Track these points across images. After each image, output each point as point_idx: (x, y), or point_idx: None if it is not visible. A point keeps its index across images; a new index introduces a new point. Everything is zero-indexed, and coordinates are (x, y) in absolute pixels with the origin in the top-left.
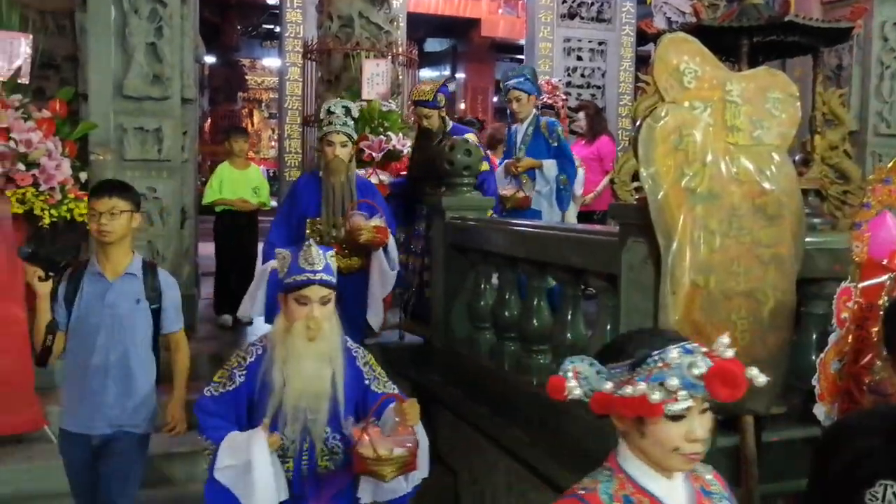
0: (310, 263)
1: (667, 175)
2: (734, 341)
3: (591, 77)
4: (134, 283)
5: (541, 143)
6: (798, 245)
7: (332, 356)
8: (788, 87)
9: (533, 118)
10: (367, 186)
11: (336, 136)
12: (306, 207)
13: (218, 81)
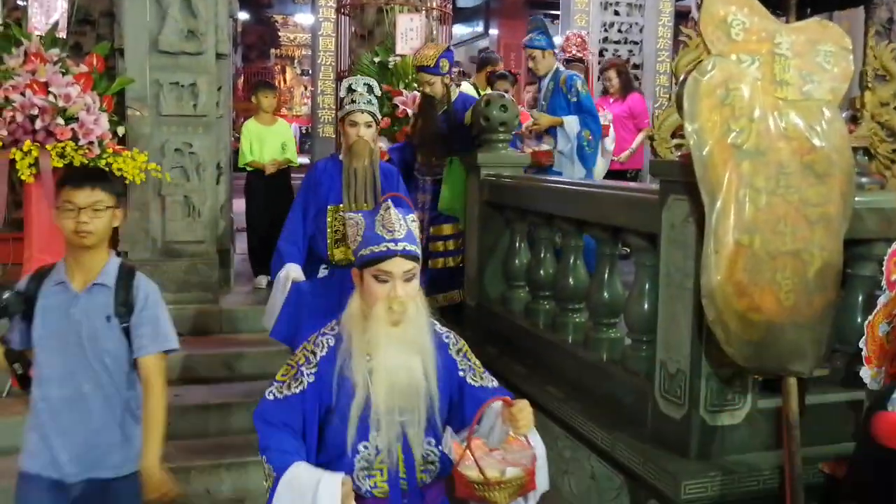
0: (389, 230)
1: (712, 131)
2: (779, 302)
3: (628, 32)
4: (104, 295)
5: (560, 99)
6: (847, 204)
7: (422, 343)
8: (841, 39)
9: (553, 73)
10: (391, 173)
11: (360, 115)
12: (327, 194)
13: (251, 38)
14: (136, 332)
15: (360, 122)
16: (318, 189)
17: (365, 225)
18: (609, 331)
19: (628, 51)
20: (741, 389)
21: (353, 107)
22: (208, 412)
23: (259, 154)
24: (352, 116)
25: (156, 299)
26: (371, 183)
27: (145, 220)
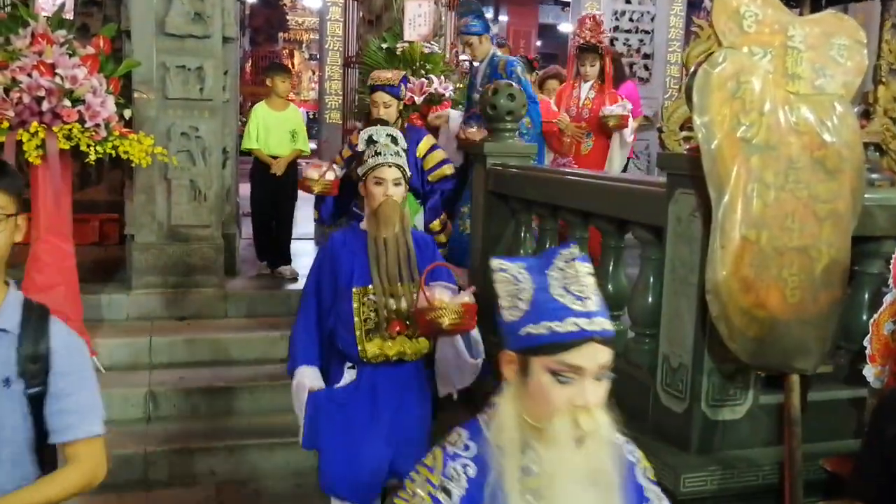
0: (578, 297)
1: (722, 124)
2: (784, 299)
3: (639, 21)
4: (3, 346)
5: None
6: (857, 201)
7: (609, 473)
8: (856, 32)
9: (489, 58)
10: (426, 243)
11: (387, 169)
12: (350, 274)
13: (258, 22)
14: (55, 404)
15: (387, 179)
16: (337, 268)
17: (533, 284)
18: (614, 323)
19: (639, 40)
20: (743, 385)
21: (377, 160)
22: (212, 395)
23: (265, 141)
24: (377, 172)
25: (82, 357)
26: (406, 255)
27: (151, 204)
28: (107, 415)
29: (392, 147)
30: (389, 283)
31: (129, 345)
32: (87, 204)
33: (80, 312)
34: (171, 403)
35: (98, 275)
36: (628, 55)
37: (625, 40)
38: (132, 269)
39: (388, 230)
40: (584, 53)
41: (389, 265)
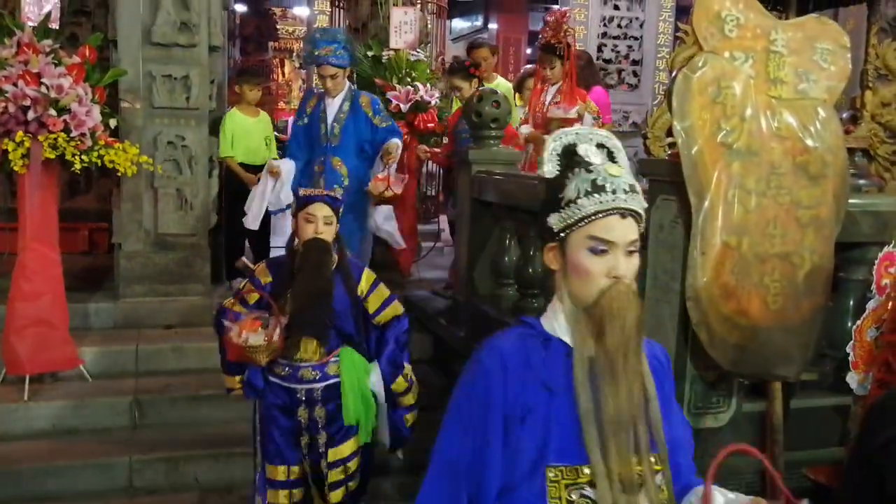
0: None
1: (702, 129)
2: (766, 306)
3: (628, 27)
4: None
5: (361, 123)
6: (840, 207)
7: None
8: (839, 37)
9: (348, 92)
10: None
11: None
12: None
13: (248, 30)
14: None
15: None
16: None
17: None
18: None
19: (627, 46)
20: (726, 393)
21: None
22: (199, 403)
23: (244, 147)
24: None
25: None
26: None
27: (138, 212)
28: (92, 423)
29: None
30: None
31: (116, 353)
32: (77, 213)
33: (66, 321)
34: (157, 411)
35: (86, 283)
36: (617, 61)
37: (613, 46)
38: (119, 277)
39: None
40: (544, 54)
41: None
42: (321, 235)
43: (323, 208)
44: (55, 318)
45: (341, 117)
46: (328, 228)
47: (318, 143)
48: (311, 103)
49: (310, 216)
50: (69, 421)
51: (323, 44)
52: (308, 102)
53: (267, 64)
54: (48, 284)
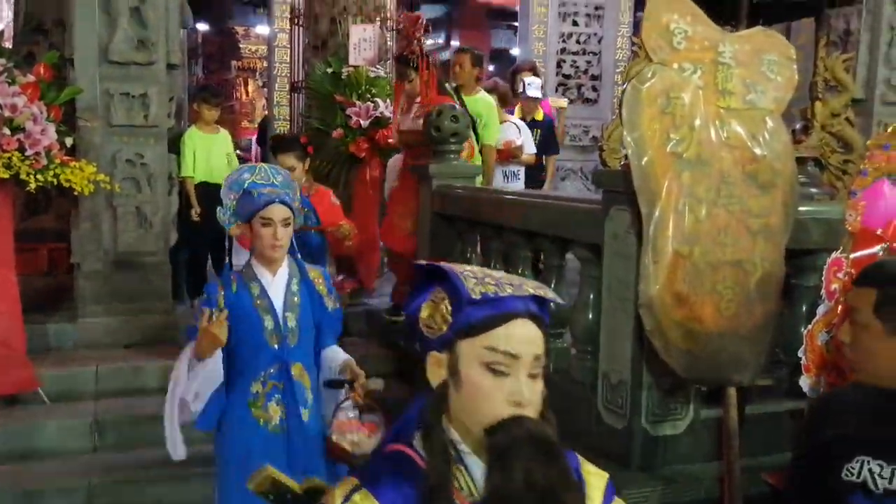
0: None
1: (652, 140)
2: (719, 312)
3: (586, 43)
4: None
5: (316, 307)
6: (789, 215)
7: None
8: (786, 49)
9: (292, 264)
10: None
11: None
12: None
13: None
14: None
15: None
16: None
17: None
18: (555, 341)
19: (586, 61)
20: (683, 400)
21: None
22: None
23: (204, 165)
24: None
25: None
26: None
27: (97, 231)
28: (51, 445)
29: None
30: None
31: (75, 374)
32: (36, 233)
33: (23, 342)
34: (118, 432)
35: (45, 304)
36: (576, 76)
37: (572, 62)
38: (79, 297)
39: None
40: (399, 67)
41: None
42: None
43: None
44: (12, 339)
45: (294, 301)
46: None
47: (259, 348)
48: (221, 293)
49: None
50: (27, 444)
51: (262, 184)
52: (216, 294)
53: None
54: (4, 305)
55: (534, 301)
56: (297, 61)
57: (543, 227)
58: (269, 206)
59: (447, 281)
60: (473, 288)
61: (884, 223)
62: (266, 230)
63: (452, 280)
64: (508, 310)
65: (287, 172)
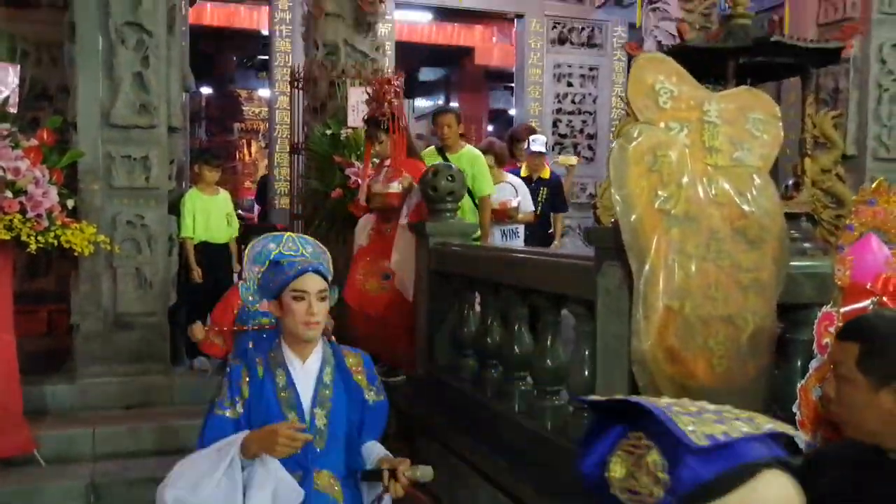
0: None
1: (640, 197)
2: (711, 368)
3: (581, 103)
4: None
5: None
6: (780, 269)
7: None
8: (771, 107)
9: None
10: None
11: None
12: None
13: (214, 112)
14: None
15: None
16: None
17: None
18: (553, 399)
19: (582, 121)
20: None
21: None
22: (157, 485)
23: (204, 225)
24: None
25: None
26: None
27: (97, 293)
28: None
29: None
30: None
31: (72, 436)
32: (36, 295)
33: (19, 404)
34: (114, 495)
35: (44, 365)
36: (572, 135)
37: (568, 121)
38: (77, 358)
39: None
40: (370, 129)
41: None
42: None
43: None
44: (9, 401)
45: (325, 395)
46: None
47: None
48: (246, 379)
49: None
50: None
51: (291, 254)
52: (240, 380)
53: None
54: (1, 368)
55: (774, 440)
56: (297, 123)
57: (538, 283)
58: (302, 277)
59: (649, 419)
60: (694, 430)
61: (873, 277)
62: (299, 305)
63: (658, 417)
64: (750, 460)
65: (316, 242)
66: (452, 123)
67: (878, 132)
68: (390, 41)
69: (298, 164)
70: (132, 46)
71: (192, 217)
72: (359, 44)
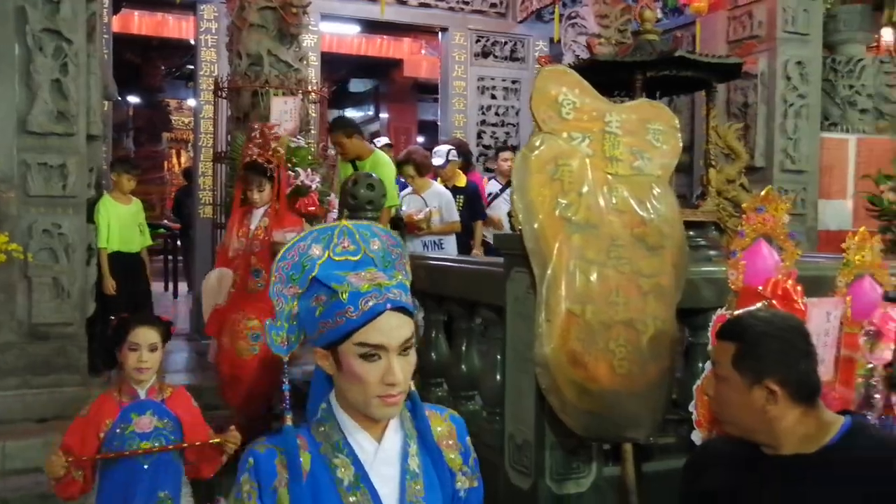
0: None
1: (542, 204)
2: (613, 370)
3: (505, 115)
4: None
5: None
6: (679, 275)
7: None
8: (670, 119)
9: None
10: None
11: None
12: None
13: (141, 122)
14: None
15: None
16: None
17: None
18: (467, 403)
19: (505, 133)
20: (586, 458)
21: None
22: None
23: (119, 235)
24: None
25: None
26: None
27: (11, 303)
28: None
29: None
30: None
31: None
32: None
33: None
34: None
35: None
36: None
37: (492, 133)
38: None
39: None
40: (252, 174)
41: None
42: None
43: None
44: None
45: (415, 490)
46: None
47: None
48: (283, 478)
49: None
50: None
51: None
52: (272, 479)
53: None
54: None
55: None
56: (221, 132)
57: (453, 290)
58: (377, 321)
59: None
60: None
61: (763, 281)
62: (371, 367)
63: None
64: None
65: (389, 234)
66: (341, 140)
67: (784, 145)
68: (315, 52)
69: (222, 174)
70: (50, 54)
71: (107, 226)
72: (282, 55)
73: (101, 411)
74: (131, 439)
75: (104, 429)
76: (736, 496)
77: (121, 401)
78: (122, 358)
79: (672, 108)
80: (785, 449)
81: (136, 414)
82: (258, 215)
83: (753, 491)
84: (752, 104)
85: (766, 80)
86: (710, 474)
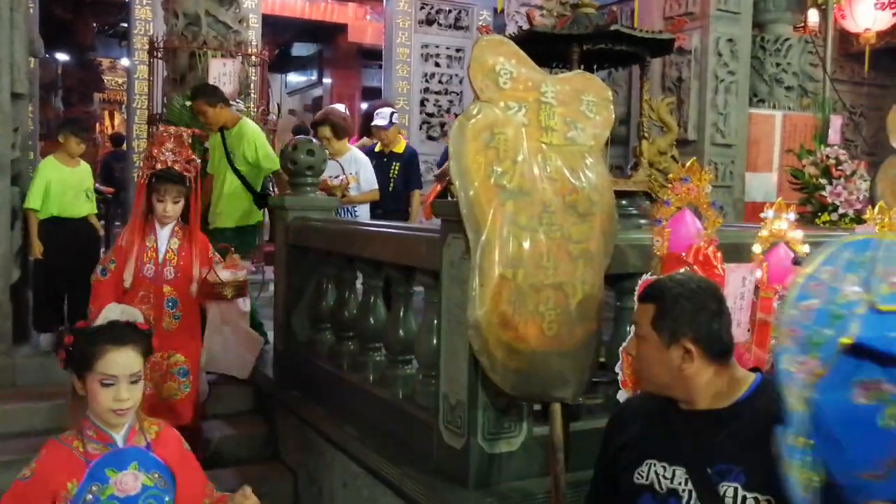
0: None
1: (478, 171)
2: (542, 332)
3: (448, 83)
4: None
5: None
6: (608, 241)
7: None
8: (603, 91)
9: None
10: None
11: None
12: None
13: (71, 81)
14: None
15: None
16: None
17: None
18: (404, 367)
19: (448, 101)
20: (517, 417)
21: None
22: None
23: (59, 200)
24: None
25: None
26: None
27: None
28: None
29: None
30: None
31: None
32: None
33: None
34: None
35: None
36: (439, 115)
37: (435, 101)
38: None
39: None
40: (168, 185)
41: None
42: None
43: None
44: None
45: None
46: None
47: None
48: None
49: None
50: None
51: None
52: None
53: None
54: None
55: None
56: (157, 94)
57: (391, 256)
58: None
59: None
60: None
61: (686, 248)
62: None
63: None
64: None
65: None
66: (204, 108)
67: (714, 119)
68: (257, 14)
69: None
70: None
71: (45, 187)
72: (221, 15)
73: (54, 469)
74: None
75: (65, 497)
76: (653, 448)
77: (85, 451)
78: (86, 391)
79: (611, 82)
80: (700, 404)
81: (114, 470)
82: (164, 236)
83: (671, 444)
84: (685, 79)
85: (699, 56)
86: (630, 428)
